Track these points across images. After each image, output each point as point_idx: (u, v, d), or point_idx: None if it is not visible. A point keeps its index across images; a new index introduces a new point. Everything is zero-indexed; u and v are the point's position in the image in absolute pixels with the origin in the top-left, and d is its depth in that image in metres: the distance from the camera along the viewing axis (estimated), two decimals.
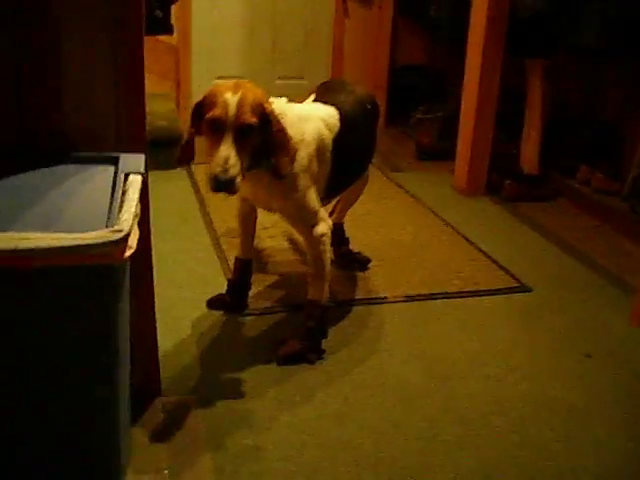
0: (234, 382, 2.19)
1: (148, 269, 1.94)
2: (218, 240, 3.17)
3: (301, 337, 2.33)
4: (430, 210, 3.67)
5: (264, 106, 2.04)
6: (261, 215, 2.52)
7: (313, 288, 2.32)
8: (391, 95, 5.04)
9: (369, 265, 2.98)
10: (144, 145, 1.81)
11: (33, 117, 1.71)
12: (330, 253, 2.34)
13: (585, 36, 3.39)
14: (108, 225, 1.43)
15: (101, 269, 1.42)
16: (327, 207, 2.49)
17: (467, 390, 2.20)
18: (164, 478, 1.77)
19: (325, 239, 2.27)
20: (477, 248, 3.22)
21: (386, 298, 2.74)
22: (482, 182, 3.89)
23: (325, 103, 2.40)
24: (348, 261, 2.97)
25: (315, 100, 2.46)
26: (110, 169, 1.63)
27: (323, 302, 2.33)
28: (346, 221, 3.01)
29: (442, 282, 2.89)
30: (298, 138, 2.15)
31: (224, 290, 2.62)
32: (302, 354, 2.30)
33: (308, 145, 2.19)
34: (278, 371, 2.25)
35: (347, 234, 3.00)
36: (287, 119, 2.11)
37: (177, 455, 1.85)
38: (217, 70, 4.94)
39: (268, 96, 2.10)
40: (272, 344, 2.36)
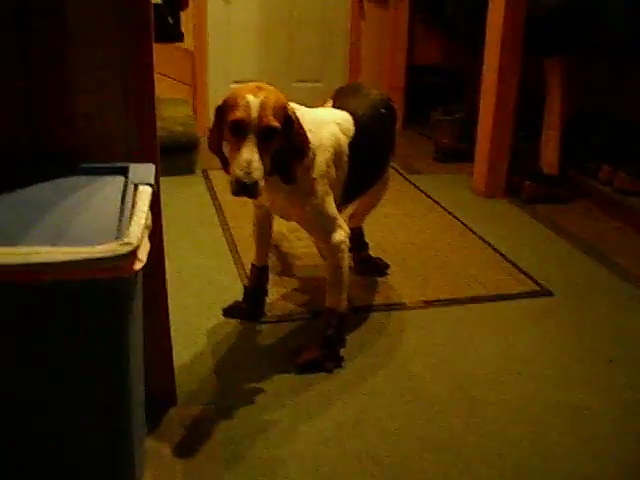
0: (251, 392, 2.16)
1: (161, 280, 1.93)
2: (235, 246, 3.15)
3: (319, 345, 2.30)
4: (449, 213, 3.63)
5: (287, 109, 2.02)
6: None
7: (331, 296, 2.29)
8: (409, 96, 5.01)
9: (388, 271, 2.94)
10: (155, 154, 1.80)
11: (42, 129, 1.69)
12: (348, 260, 2.30)
13: (606, 32, 3.34)
14: (117, 238, 1.41)
15: (111, 282, 1.39)
16: (346, 212, 2.46)
17: (488, 398, 2.16)
18: None
19: (343, 247, 2.24)
20: (497, 251, 3.17)
21: (405, 304, 2.71)
22: (501, 184, 3.84)
23: (339, 108, 2.38)
24: (367, 267, 2.94)
25: (333, 106, 2.44)
26: (120, 180, 1.62)
27: (341, 310, 2.30)
28: (365, 225, 2.98)
29: (461, 287, 2.85)
30: (316, 144, 2.12)
31: (241, 297, 2.60)
32: (320, 362, 2.27)
33: (326, 150, 2.17)
34: (296, 380, 2.22)
35: (366, 239, 2.97)
36: (304, 124, 2.08)
37: (192, 467, 1.83)
38: (233, 74, 4.93)
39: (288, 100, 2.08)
40: (289, 352, 2.34)
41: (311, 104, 2.37)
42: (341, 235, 2.23)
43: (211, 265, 2.99)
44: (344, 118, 2.32)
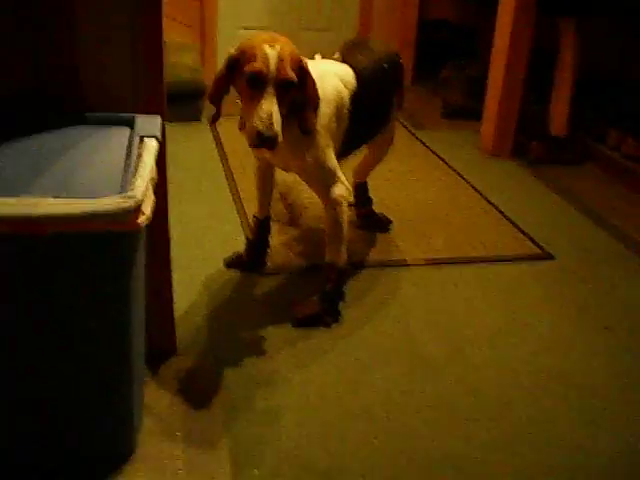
0: (249, 342, 2.19)
1: (164, 232, 1.93)
2: (239, 196, 3.14)
3: (318, 300, 2.32)
4: (454, 171, 3.62)
5: (301, 61, 2.01)
6: None
7: (330, 251, 2.29)
8: (420, 51, 4.94)
9: (390, 226, 2.95)
10: (162, 106, 1.79)
11: (49, 77, 1.68)
12: (348, 215, 2.31)
13: None
14: (122, 191, 1.41)
15: (115, 236, 1.41)
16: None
17: (483, 360, 2.18)
18: (176, 441, 1.78)
19: (343, 201, 2.24)
20: (500, 212, 3.17)
21: (406, 261, 2.72)
22: (509, 143, 3.81)
23: (342, 61, 2.36)
24: (369, 222, 2.94)
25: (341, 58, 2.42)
26: (126, 131, 1.61)
27: (340, 265, 2.31)
28: (369, 180, 2.97)
29: (464, 247, 2.85)
30: (320, 96, 2.10)
31: (243, 248, 2.61)
32: (319, 317, 2.30)
33: (329, 103, 2.16)
34: (294, 333, 2.25)
35: (370, 194, 2.97)
36: None
37: (190, 416, 1.86)
38: (242, 20, 4.85)
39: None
40: (288, 305, 2.36)
41: (319, 53, 2.35)
42: (341, 189, 2.23)
43: (214, 215, 3.00)
44: (346, 71, 2.31)
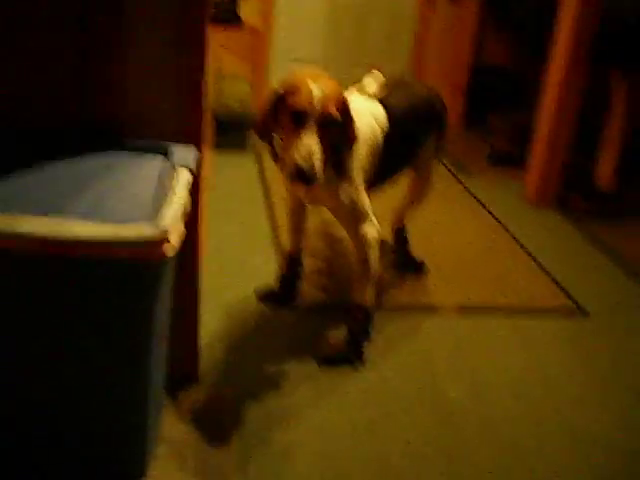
0: (271, 376, 2.19)
1: (195, 261, 1.95)
2: (277, 228, 3.17)
3: (344, 340, 2.31)
4: (494, 218, 3.59)
5: (345, 99, 2.03)
6: None
7: (359, 291, 2.29)
8: (470, 96, 4.94)
9: (424, 271, 2.93)
10: (200, 138, 1.81)
11: (91, 102, 1.72)
12: (379, 256, 2.30)
13: None
14: (150, 219, 1.43)
15: (139, 264, 1.42)
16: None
17: (506, 411, 2.14)
18: (187, 470, 1.78)
19: (373, 241, 2.24)
20: (537, 263, 3.13)
21: (436, 307, 2.70)
22: (553, 194, 3.76)
23: (375, 99, 2.38)
24: (405, 264, 2.93)
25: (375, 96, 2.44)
26: (161, 159, 1.64)
27: (368, 305, 2.31)
28: (406, 222, 2.97)
29: (496, 296, 2.82)
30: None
31: (275, 282, 2.62)
32: (344, 356, 2.29)
33: (365, 142, 2.18)
34: (316, 370, 2.24)
35: (408, 236, 2.96)
36: None
37: (204, 446, 1.87)
38: (296, 54, 4.95)
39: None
40: (314, 342, 2.36)
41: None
42: (372, 229, 2.23)
43: (250, 246, 3.02)
44: (378, 110, 2.32)
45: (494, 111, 4.55)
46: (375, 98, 2.38)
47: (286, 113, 1.97)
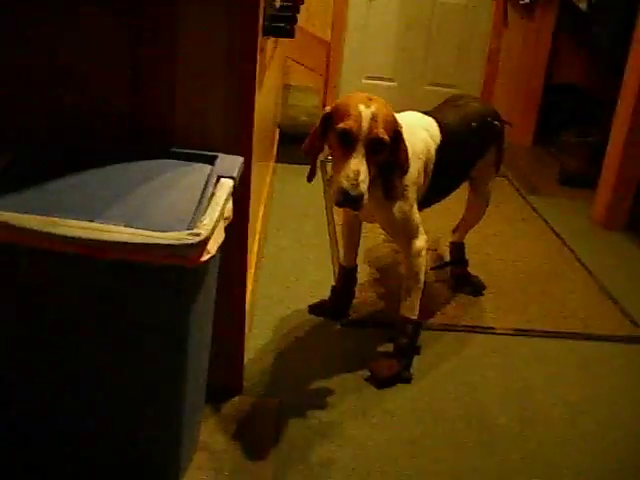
0: (315, 390, 2.18)
1: (242, 270, 1.95)
2: (336, 242, 3.15)
3: (396, 357, 2.28)
4: (561, 240, 3.49)
5: (396, 123, 2.00)
6: None
7: (407, 303, 2.27)
8: (543, 114, 4.84)
9: (483, 292, 2.87)
10: (250, 148, 1.82)
11: (145, 109, 1.75)
12: (426, 268, 2.29)
13: None
14: (190, 227, 1.44)
15: (177, 271, 1.43)
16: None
17: (556, 440, 2.07)
18: (224, 476, 1.78)
19: (423, 253, 2.22)
20: (603, 288, 3.02)
21: (494, 329, 2.63)
22: (623, 216, 3.64)
23: (430, 115, 2.36)
24: (463, 283, 2.88)
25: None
26: (206, 169, 1.65)
27: (416, 318, 2.27)
28: (468, 239, 2.92)
29: (558, 320, 2.73)
30: (410, 151, 2.09)
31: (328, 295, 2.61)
32: (399, 377, 2.26)
33: (418, 158, 2.16)
34: (363, 388, 2.21)
35: (468, 255, 2.91)
36: None
37: (242, 458, 1.86)
38: (367, 70, 4.95)
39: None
40: (362, 357, 2.33)
41: None
42: (422, 242, 2.22)
43: (308, 258, 3.02)
44: (432, 125, 2.30)
45: (567, 130, 4.42)
46: (429, 114, 2.36)
47: (335, 134, 1.96)
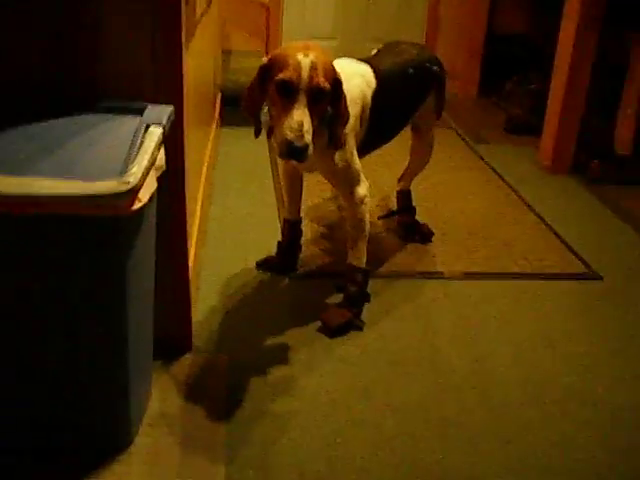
0: (267, 345, 2.15)
1: (181, 222, 1.91)
2: (283, 202, 3.12)
3: (345, 304, 2.27)
4: (508, 186, 3.51)
5: (335, 71, 1.96)
6: None
7: (354, 252, 2.26)
8: (486, 64, 4.84)
9: (431, 239, 2.87)
10: (181, 97, 1.77)
11: (67, 63, 1.69)
12: (372, 216, 2.27)
13: None
14: (120, 176, 1.40)
15: (110, 220, 1.40)
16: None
17: (507, 377, 2.08)
18: (176, 436, 1.75)
19: (366, 200, 2.21)
20: (551, 229, 3.05)
21: (442, 273, 2.63)
22: (568, 160, 3.67)
23: (363, 62, 2.33)
24: (410, 232, 2.87)
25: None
26: (136, 120, 1.60)
27: (364, 266, 2.26)
28: (416, 188, 2.92)
29: (505, 262, 2.75)
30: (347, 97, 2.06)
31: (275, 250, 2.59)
32: (351, 324, 2.24)
33: (355, 104, 2.12)
34: (315, 339, 2.20)
35: (416, 202, 2.91)
36: None
37: (194, 414, 1.84)
38: (308, 30, 4.89)
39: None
40: (313, 309, 2.31)
41: None
42: (364, 189, 2.20)
43: (255, 217, 2.98)
44: (366, 70, 2.27)
45: (510, 79, 4.43)
46: (364, 62, 2.33)
47: (274, 86, 1.89)
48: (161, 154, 1.58)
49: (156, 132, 1.53)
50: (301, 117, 1.83)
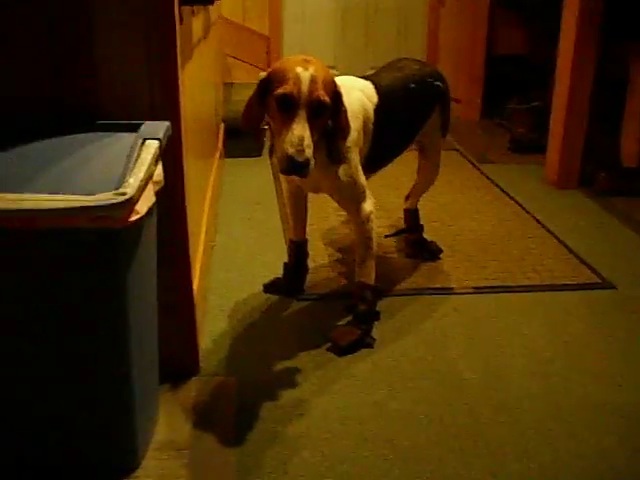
0: (276, 367, 2.11)
1: (183, 240, 1.88)
2: (289, 223, 3.09)
3: (355, 322, 2.23)
4: (516, 202, 3.48)
5: (335, 84, 1.94)
6: None
7: (362, 269, 2.22)
8: (489, 85, 4.85)
9: (440, 255, 2.83)
10: (177, 115, 1.76)
11: (66, 85, 1.69)
12: (377, 231, 2.25)
13: None
14: (116, 189, 1.38)
15: (105, 233, 1.38)
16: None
17: (524, 390, 2.02)
18: (185, 458, 1.71)
19: (372, 217, 2.18)
20: (561, 242, 3.01)
21: (452, 289, 2.59)
22: (574, 174, 3.64)
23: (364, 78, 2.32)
24: (419, 249, 2.84)
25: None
26: (132, 136, 1.59)
27: (373, 283, 2.23)
28: (424, 208, 2.90)
29: (516, 275, 2.70)
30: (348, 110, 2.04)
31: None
32: (361, 342, 2.20)
33: (356, 118, 2.10)
34: (325, 359, 2.15)
35: (424, 222, 2.88)
36: None
37: (201, 437, 1.79)
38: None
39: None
40: (322, 330, 2.27)
41: None
42: (370, 206, 2.17)
43: (260, 242, 2.96)
44: (366, 85, 2.25)
45: (512, 99, 4.43)
46: (365, 78, 2.32)
47: (274, 100, 1.87)
48: (159, 169, 1.57)
49: (153, 145, 1.51)
50: (302, 132, 1.81)
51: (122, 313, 1.46)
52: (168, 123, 1.64)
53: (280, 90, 1.85)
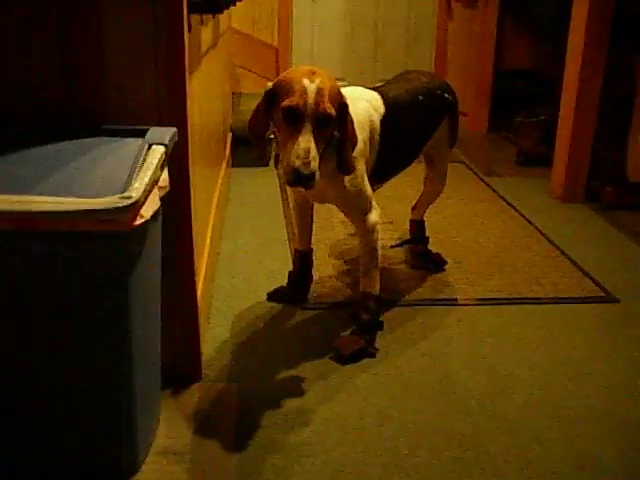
0: (279, 374, 2.11)
1: (188, 245, 1.89)
2: (294, 232, 3.10)
3: (359, 332, 2.24)
4: (521, 215, 3.48)
5: (341, 95, 1.95)
6: None
7: (366, 279, 2.22)
8: (496, 99, 4.87)
9: (445, 267, 2.83)
10: (184, 122, 1.77)
11: (75, 92, 1.71)
12: (381, 242, 2.26)
13: None
14: (121, 192, 1.39)
15: (110, 236, 1.39)
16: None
17: (526, 400, 2.02)
18: (185, 463, 1.71)
19: (378, 227, 2.18)
20: (565, 255, 3.01)
21: (456, 300, 2.59)
22: (580, 188, 3.65)
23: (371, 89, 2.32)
24: (424, 261, 2.84)
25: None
26: (138, 141, 1.60)
27: (377, 293, 2.23)
28: (429, 220, 2.91)
29: (520, 287, 2.70)
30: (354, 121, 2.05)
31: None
32: (364, 351, 2.20)
33: (362, 128, 2.11)
34: (328, 367, 2.15)
35: (429, 233, 2.89)
36: None
37: (202, 443, 1.79)
38: None
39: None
40: (325, 339, 2.28)
41: None
42: (376, 216, 2.18)
43: (266, 251, 2.97)
44: (373, 96, 2.26)
45: (519, 113, 4.44)
46: (372, 89, 2.33)
47: (280, 112, 1.87)
48: (165, 175, 1.58)
49: (159, 150, 1.53)
50: (307, 144, 1.81)
51: (125, 317, 1.47)
52: (174, 129, 1.65)
53: (286, 102, 1.85)
